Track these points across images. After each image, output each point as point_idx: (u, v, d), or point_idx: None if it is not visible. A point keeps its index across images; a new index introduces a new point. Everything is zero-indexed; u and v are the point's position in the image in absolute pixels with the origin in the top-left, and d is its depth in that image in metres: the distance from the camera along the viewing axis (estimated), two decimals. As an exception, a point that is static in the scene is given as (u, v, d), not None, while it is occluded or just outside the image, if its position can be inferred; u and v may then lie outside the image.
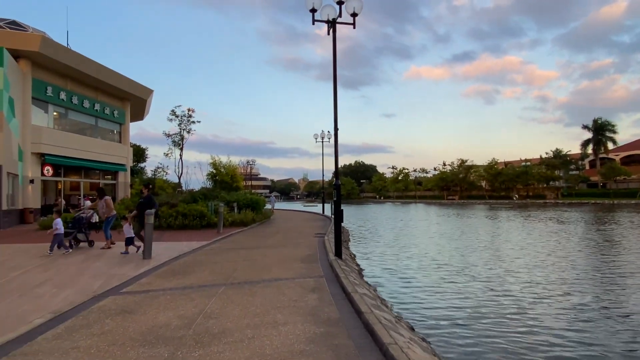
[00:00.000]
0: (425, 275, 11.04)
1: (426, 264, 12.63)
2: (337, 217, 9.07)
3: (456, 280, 10.33)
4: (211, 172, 25.48)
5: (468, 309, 7.78)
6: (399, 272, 11.47)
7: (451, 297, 8.65)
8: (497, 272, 11.28)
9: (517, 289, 9.30)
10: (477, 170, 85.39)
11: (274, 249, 11.22)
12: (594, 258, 13.39)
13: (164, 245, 12.09)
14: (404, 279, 10.46)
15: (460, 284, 9.85)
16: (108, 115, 28.20)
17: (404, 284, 9.87)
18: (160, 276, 7.64)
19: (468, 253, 14.80)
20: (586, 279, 10.33)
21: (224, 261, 9.22)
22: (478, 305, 8.07)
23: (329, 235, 14.23)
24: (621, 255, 13.64)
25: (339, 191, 9.09)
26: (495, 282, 9.98)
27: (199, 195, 18.68)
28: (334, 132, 9.15)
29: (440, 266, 12.29)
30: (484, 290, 9.20)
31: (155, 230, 16.93)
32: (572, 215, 35.39)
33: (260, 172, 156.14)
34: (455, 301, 8.36)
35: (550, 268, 11.66)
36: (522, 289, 9.24)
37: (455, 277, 10.72)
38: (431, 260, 13.46)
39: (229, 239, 13.88)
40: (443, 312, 7.62)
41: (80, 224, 10.77)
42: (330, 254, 9.42)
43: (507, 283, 9.92)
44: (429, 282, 10.20)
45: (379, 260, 13.65)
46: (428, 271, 11.56)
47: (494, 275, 10.80)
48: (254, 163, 47.91)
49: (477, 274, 10.98)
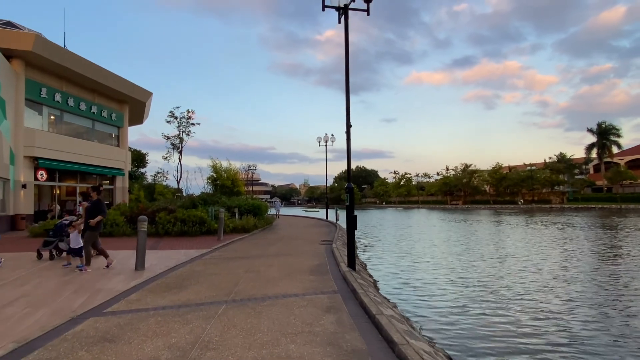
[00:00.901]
0: (452, 290, 10.08)
1: (448, 277, 11.66)
2: (350, 224, 8.17)
3: (488, 298, 9.39)
4: (211, 176, 24.55)
5: (507, 336, 6.86)
6: (418, 285, 10.52)
7: (494, 323, 7.69)
8: (531, 286, 10.36)
9: (575, 316, 8.37)
10: (481, 175, 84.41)
11: (279, 258, 10.31)
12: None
13: (160, 254, 11.18)
14: (425, 295, 9.52)
15: (494, 304, 8.92)
16: (105, 118, 27.39)
17: (428, 302, 8.87)
18: (152, 291, 6.73)
19: (492, 264, 13.86)
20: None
21: (225, 272, 8.31)
22: (519, 331, 7.14)
23: (336, 243, 13.31)
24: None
25: (351, 195, 8.19)
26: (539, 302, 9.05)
27: (199, 201, 17.80)
28: (346, 129, 8.27)
29: (466, 281, 11.35)
30: (523, 309, 8.27)
31: (152, 237, 16.27)
32: (589, 220, 34.38)
33: (261, 178, 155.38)
34: (498, 326, 7.43)
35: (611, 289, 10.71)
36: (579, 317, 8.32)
37: (485, 294, 9.79)
38: (450, 270, 12.54)
39: (230, 247, 12.97)
40: (487, 344, 6.69)
41: (62, 231, 9.85)
42: (342, 265, 8.51)
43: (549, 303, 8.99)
44: (457, 298, 9.27)
45: (392, 270, 12.73)
46: (454, 287, 10.59)
47: (534, 291, 9.87)
48: (255, 168, 46.86)
49: (506, 290, 10.05)
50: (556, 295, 9.18)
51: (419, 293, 9.58)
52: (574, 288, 9.80)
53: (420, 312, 7.95)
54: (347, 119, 8.24)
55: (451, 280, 10.99)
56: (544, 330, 6.82)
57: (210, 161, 24.95)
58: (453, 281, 10.89)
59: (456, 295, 9.29)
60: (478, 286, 10.20)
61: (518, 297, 9.04)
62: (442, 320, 7.47)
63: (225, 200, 19.97)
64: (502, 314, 7.78)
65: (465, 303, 8.59)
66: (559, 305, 8.38)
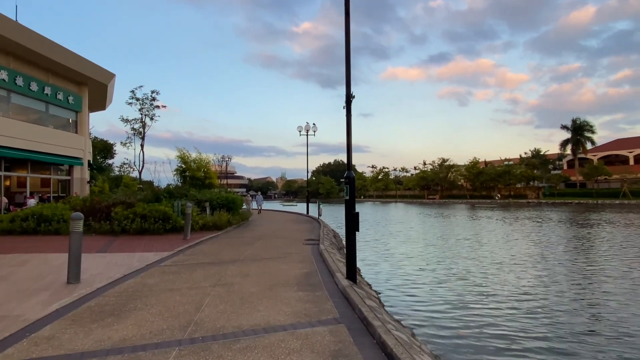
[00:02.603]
0: (468, 302, 8.46)
1: (465, 294, 9.94)
2: (351, 224, 6.35)
3: (516, 317, 7.79)
4: (179, 167, 22.15)
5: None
6: (424, 298, 8.86)
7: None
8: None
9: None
10: (458, 170, 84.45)
11: (257, 264, 8.41)
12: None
13: (107, 260, 9.06)
14: (437, 312, 7.84)
15: (523, 322, 7.32)
16: (61, 101, 24.48)
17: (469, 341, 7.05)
18: (77, 320, 4.73)
19: (499, 268, 12.38)
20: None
21: (186, 287, 6.35)
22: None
23: (324, 243, 11.49)
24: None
25: (352, 186, 6.37)
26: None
27: (163, 194, 15.56)
28: (345, 101, 6.42)
29: (481, 289, 9.77)
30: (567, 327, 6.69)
31: (106, 236, 13.72)
32: (579, 216, 33.91)
33: (237, 171, 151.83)
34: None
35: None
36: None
37: (506, 307, 8.20)
38: (463, 283, 10.95)
39: (198, 248, 10.95)
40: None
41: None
42: (338, 275, 6.70)
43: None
44: (481, 317, 7.63)
45: (388, 275, 11.03)
46: (468, 296, 8.99)
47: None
48: (230, 160, 44.19)
49: (535, 300, 8.50)
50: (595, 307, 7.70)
51: (431, 310, 7.89)
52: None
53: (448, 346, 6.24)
54: (348, 88, 6.39)
55: (467, 289, 9.39)
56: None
57: (177, 151, 22.50)
58: (477, 291, 9.30)
59: (503, 323, 7.62)
60: (504, 298, 8.62)
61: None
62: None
63: (194, 193, 17.78)
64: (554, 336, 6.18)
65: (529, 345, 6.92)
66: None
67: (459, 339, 6.21)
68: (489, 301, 8.36)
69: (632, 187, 57.78)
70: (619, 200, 54.38)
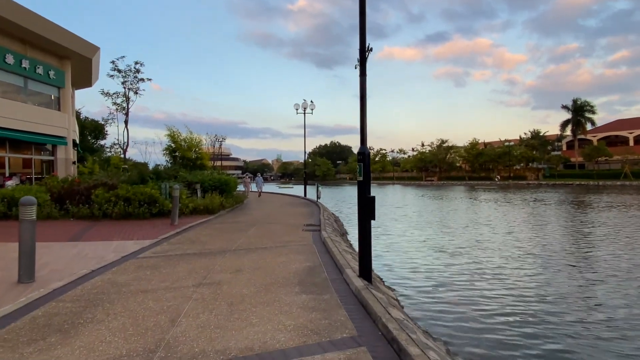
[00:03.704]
0: (509, 309, 7.31)
1: (489, 282, 8.55)
2: (365, 211, 5.14)
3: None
4: (169, 146, 20.69)
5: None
6: (448, 298, 7.73)
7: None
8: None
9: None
10: (457, 151, 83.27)
11: (250, 256, 7.24)
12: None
13: (78, 249, 7.86)
14: (471, 320, 6.70)
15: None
16: (41, 75, 22.81)
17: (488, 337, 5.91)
18: (10, 340, 3.55)
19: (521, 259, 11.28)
20: None
21: (163, 288, 5.17)
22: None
23: (326, 229, 10.34)
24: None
25: (367, 164, 5.15)
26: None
27: (150, 174, 14.27)
28: (359, 60, 5.14)
29: (519, 288, 8.66)
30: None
31: (85, 220, 12.31)
32: (587, 197, 32.98)
33: (232, 153, 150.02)
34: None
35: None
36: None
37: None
38: (483, 271, 9.82)
39: (185, 236, 9.77)
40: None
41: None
42: (349, 271, 5.54)
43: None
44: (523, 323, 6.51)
45: (399, 269, 9.88)
46: (506, 299, 7.84)
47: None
48: (224, 140, 42.53)
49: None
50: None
51: (467, 320, 6.73)
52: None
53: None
54: (362, 39, 5.07)
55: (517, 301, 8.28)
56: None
57: (167, 129, 20.94)
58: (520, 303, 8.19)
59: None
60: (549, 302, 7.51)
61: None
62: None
63: (184, 174, 16.48)
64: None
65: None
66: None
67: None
68: (536, 305, 7.28)
69: (633, 168, 56.95)
70: (620, 181, 53.60)
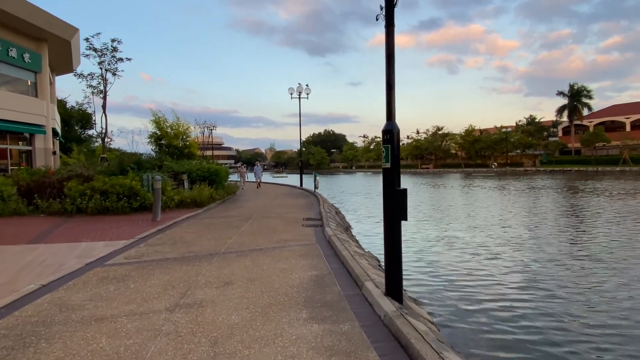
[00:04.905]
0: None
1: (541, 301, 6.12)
2: (394, 208, 3.85)
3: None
4: (154, 133, 19.12)
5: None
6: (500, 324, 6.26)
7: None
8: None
9: None
10: (453, 138, 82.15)
11: (243, 261, 5.97)
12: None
13: (36, 254, 6.52)
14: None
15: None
16: (14, 59, 21.06)
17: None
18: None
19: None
20: None
21: (127, 314, 3.88)
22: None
23: (329, 224, 9.08)
24: None
25: (395, 146, 3.87)
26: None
27: (130, 165, 12.85)
28: (385, 9, 3.82)
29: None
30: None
31: (56, 216, 10.70)
32: (602, 185, 32.02)
33: (224, 142, 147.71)
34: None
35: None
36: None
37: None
38: (531, 281, 8.30)
39: (167, 234, 8.46)
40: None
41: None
42: (369, 285, 4.29)
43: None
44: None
45: (424, 279, 8.58)
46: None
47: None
48: (214, 128, 40.74)
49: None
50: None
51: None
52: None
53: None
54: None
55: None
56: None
57: (152, 115, 19.29)
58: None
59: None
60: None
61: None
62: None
63: (170, 164, 15.06)
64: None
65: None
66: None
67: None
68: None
69: (631, 153, 56.25)
70: (619, 167, 52.86)
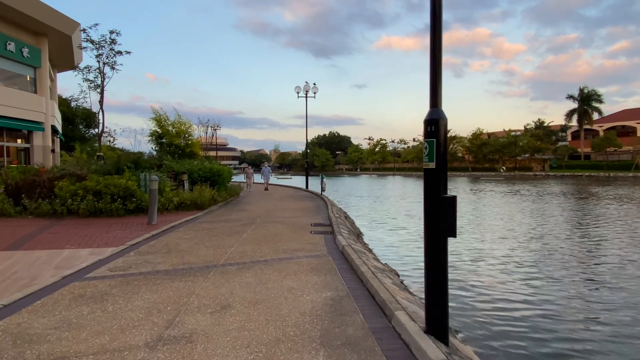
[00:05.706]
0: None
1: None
2: (439, 221, 2.98)
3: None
4: (155, 131, 18.31)
5: None
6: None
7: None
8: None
9: None
10: (461, 141, 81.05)
11: (245, 277, 5.12)
12: None
13: (9, 263, 5.71)
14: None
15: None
16: (13, 53, 20.41)
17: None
18: None
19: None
20: None
21: (94, 353, 3.03)
22: None
23: (341, 232, 8.21)
24: None
25: (442, 141, 3.01)
26: None
27: (127, 164, 12.06)
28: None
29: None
30: None
31: (45, 218, 9.95)
32: (623, 191, 30.93)
33: (229, 143, 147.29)
34: None
35: None
36: None
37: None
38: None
39: (161, 241, 7.63)
40: None
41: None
42: (401, 317, 3.43)
43: None
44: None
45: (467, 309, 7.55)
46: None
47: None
48: (219, 128, 39.84)
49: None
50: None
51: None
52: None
53: None
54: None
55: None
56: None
57: (153, 112, 18.46)
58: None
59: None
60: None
61: None
62: None
63: (170, 163, 14.28)
64: None
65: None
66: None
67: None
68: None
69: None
70: (632, 173, 51.58)
